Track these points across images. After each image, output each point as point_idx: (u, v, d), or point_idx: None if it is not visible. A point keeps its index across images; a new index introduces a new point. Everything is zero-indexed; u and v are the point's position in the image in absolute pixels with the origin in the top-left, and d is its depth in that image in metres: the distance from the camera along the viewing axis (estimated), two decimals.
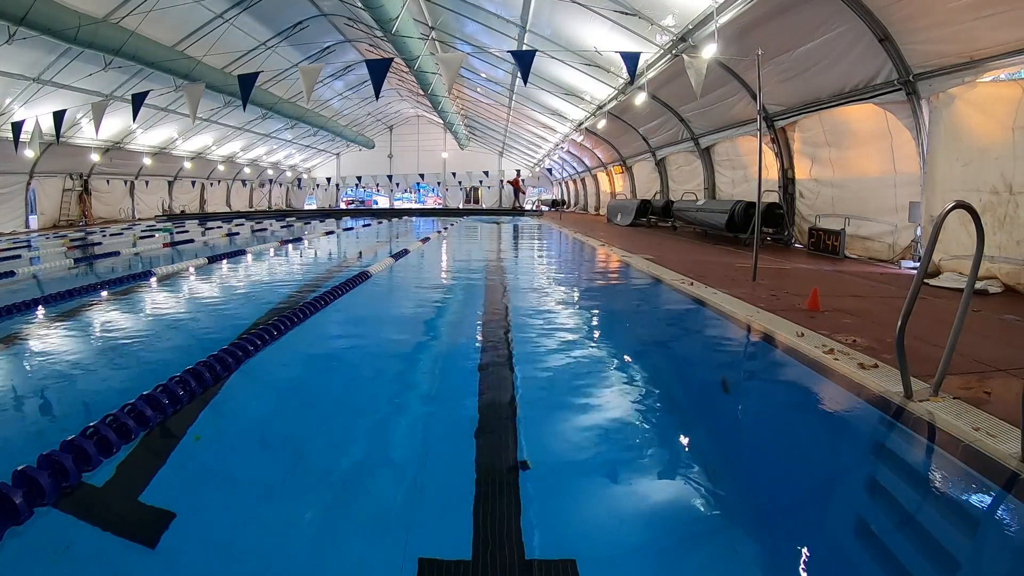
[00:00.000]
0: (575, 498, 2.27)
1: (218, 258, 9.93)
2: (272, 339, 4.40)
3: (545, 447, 2.69)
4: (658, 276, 7.60)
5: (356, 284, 6.94)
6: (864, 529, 2.11)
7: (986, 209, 6.59)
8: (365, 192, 41.93)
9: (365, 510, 2.21)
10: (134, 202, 23.87)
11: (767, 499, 2.29)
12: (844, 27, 7.84)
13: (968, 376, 3.32)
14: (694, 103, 12.81)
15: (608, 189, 26.77)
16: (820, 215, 10.69)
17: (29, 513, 2.05)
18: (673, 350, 4.75)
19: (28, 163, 17.48)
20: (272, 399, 3.58)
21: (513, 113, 24.38)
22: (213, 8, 14.33)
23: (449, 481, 2.39)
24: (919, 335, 4.10)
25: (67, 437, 2.46)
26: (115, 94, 15.62)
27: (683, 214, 15.32)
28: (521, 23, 13.11)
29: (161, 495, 2.25)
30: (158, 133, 21.22)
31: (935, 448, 2.60)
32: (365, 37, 19.27)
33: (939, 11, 6.53)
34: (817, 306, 5.24)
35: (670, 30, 9.77)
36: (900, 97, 7.81)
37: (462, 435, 2.80)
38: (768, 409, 3.46)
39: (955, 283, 6.59)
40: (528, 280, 8.26)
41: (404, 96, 31.39)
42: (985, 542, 2.04)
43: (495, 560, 1.83)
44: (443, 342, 4.87)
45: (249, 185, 33.16)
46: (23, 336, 4.85)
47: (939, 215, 2.76)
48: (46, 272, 8.65)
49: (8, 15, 9.84)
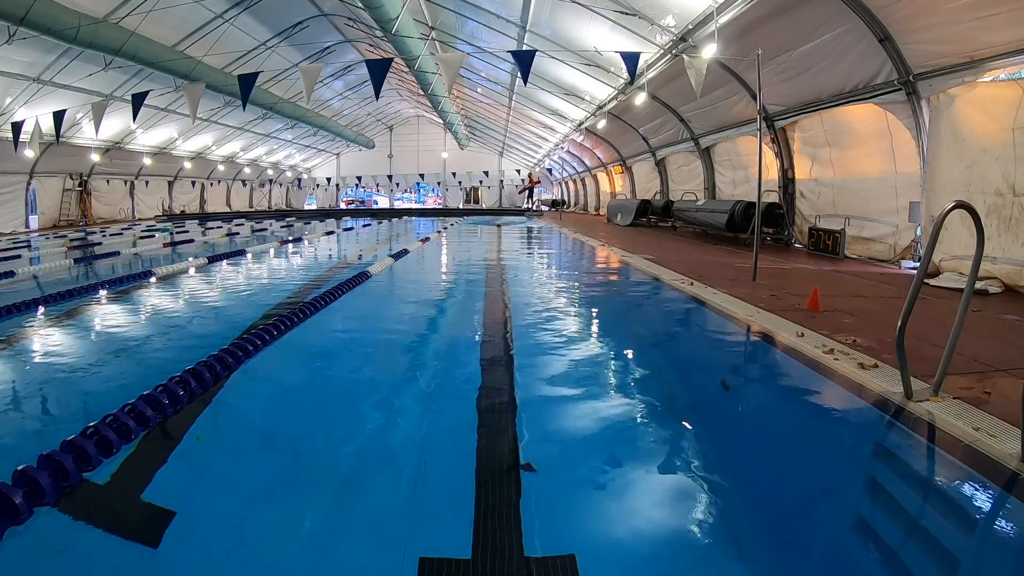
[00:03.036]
0: (575, 495, 2.27)
1: (218, 258, 9.92)
2: (272, 339, 4.40)
3: (545, 445, 2.69)
4: (658, 276, 7.60)
5: (356, 284, 6.94)
6: (864, 529, 2.11)
7: (992, 211, 6.57)
8: (365, 192, 41.93)
9: (365, 509, 2.21)
10: (134, 202, 23.86)
11: (767, 498, 2.29)
12: (844, 27, 7.84)
13: (968, 376, 3.32)
14: (694, 103, 12.81)
15: (608, 189, 26.78)
16: (820, 215, 10.68)
17: (29, 513, 2.05)
18: (673, 350, 4.75)
19: (28, 163, 17.48)
20: (272, 399, 3.58)
21: (513, 113, 24.38)
22: (213, 8, 14.33)
23: (449, 480, 2.40)
24: (919, 335, 4.10)
25: (67, 437, 2.46)
26: (115, 94, 15.62)
27: (683, 214, 15.31)
28: (521, 23, 13.12)
29: (162, 494, 2.25)
30: (158, 133, 21.22)
31: (935, 448, 2.60)
32: (365, 37, 19.27)
33: (939, 11, 6.52)
34: (817, 306, 5.24)
35: (670, 30, 9.77)
36: (900, 97, 7.80)
37: (462, 434, 2.80)
38: (768, 409, 3.46)
39: (955, 283, 6.59)
40: (528, 280, 8.25)
41: (404, 96, 31.39)
42: (985, 542, 2.04)
43: (495, 558, 1.83)
44: (443, 342, 4.87)
45: (249, 185, 33.15)
46: (23, 336, 4.85)
47: (939, 215, 2.76)
48: (46, 272, 8.65)
49: (8, 15, 9.84)
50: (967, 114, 6.95)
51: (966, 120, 6.97)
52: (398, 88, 29.04)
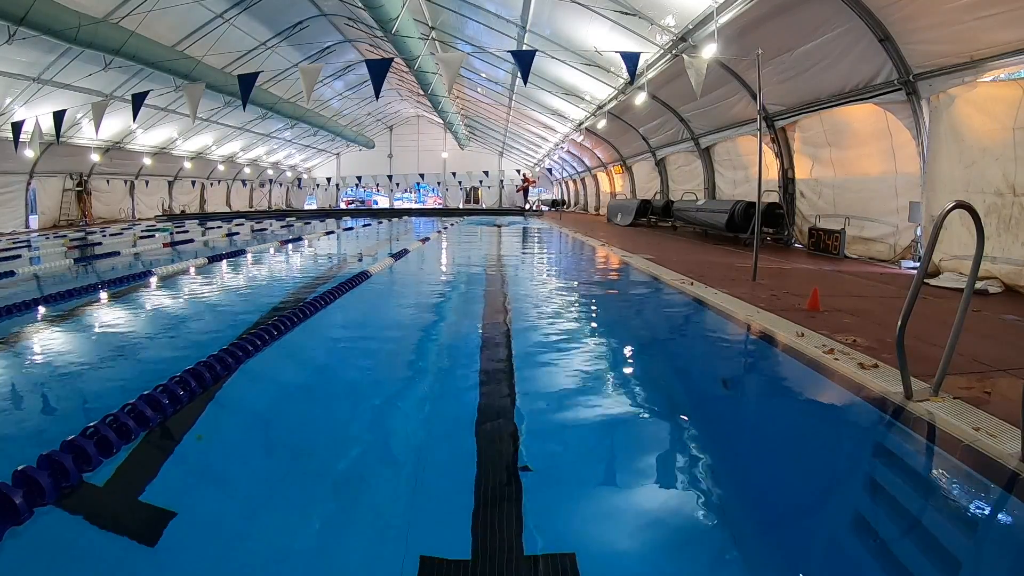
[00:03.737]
0: (575, 493, 2.27)
1: (218, 258, 9.92)
2: (272, 339, 4.40)
3: (545, 444, 2.69)
4: (658, 276, 7.60)
5: (356, 284, 6.94)
6: (864, 529, 2.11)
7: (991, 211, 6.57)
8: (365, 192, 41.92)
9: (366, 508, 2.21)
10: (134, 202, 23.86)
11: (767, 498, 2.29)
12: (844, 27, 7.84)
13: (968, 376, 3.32)
14: (694, 103, 12.81)
15: (608, 189, 26.78)
16: (820, 215, 10.68)
17: (29, 513, 2.04)
18: (673, 349, 4.75)
19: (28, 163, 17.49)
20: (272, 399, 3.58)
21: (513, 113, 24.37)
22: (213, 8, 14.33)
23: (450, 479, 2.40)
24: (919, 335, 4.10)
25: (67, 437, 2.46)
26: (115, 94, 15.61)
27: (683, 214, 15.31)
28: (521, 23, 13.11)
29: (161, 494, 2.25)
30: (158, 133, 21.22)
31: (935, 448, 2.60)
32: (365, 37, 19.26)
33: (939, 11, 6.52)
34: (817, 306, 5.24)
35: (670, 30, 9.76)
36: (900, 97, 7.80)
37: (462, 433, 2.80)
38: (768, 409, 3.46)
39: (955, 283, 6.59)
40: (528, 280, 8.25)
41: (404, 96, 31.39)
42: (985, 542, 2.04)
43: (495, 557, 1.83)
44: (443, 341, 4.87)
45: (249, 185, 33.15)
46: (23, 336, 4.85)
47: (939, 215, 2.76)
48: (46, 272, 8.65)
49: (8, 15, 9.84)
50: (967, 114, 6.95)
51: (966, 120, 6.97)
52: (398, 88, 29.04)
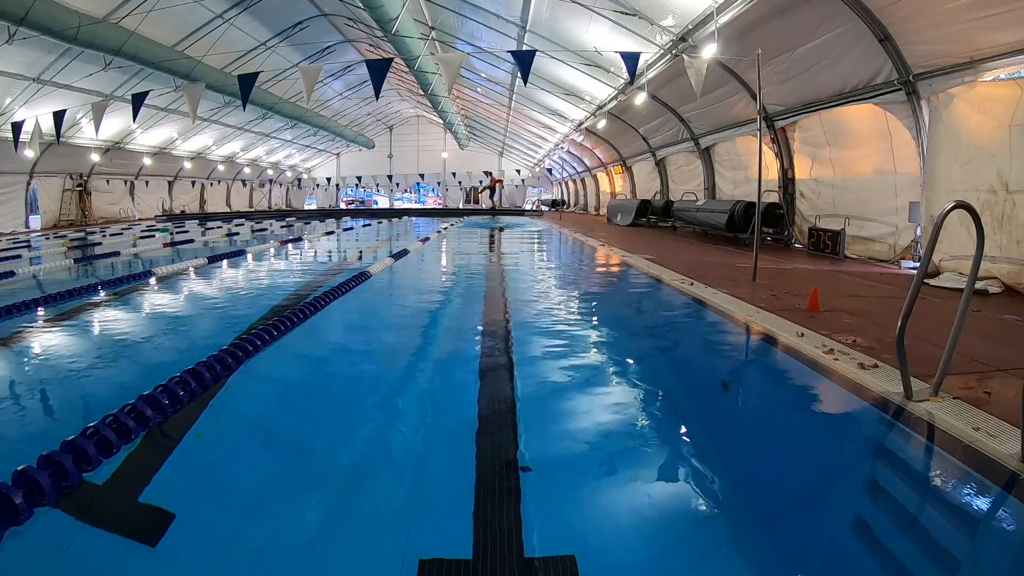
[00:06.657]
0: (575, 495, 2.27)
1: (218, 258, 9.92)
2: (272, 339, 4.40)
3: (545, 445, 2.69)
4: (658, 276, 7.59)
5: (356, 284, 6.94)
6: (864, 529, 2.11)
7: (984, 208, 6.57)
8: (365, 192, 41.92)
9: (365, 510, 2.21)
10: (134, 202, 23.86)
11: (767, 498, 2.29)
12: (844, 27, 7.84)
13: (968, 376, 3.32)
14: (694, 103, 12.81)
15: (608, 189, 26.76)
16: (820, 215, 10.68)
17: (29, 513, 2.04)
18: (673, 350, 4.75)
19: (28, 163, 17.48)
20: (272, 399, 3.58)
21: (513, 113, 24.37)
22: (213, 8, 14.33)
23: (449, 480, 2.39)
24: (919, 335, 4.10)
25: (67, 437, 2.46)
26: (115, 94, 15.61)
27: (683, 214, 15.31)
28: (521, 23, 13.12)
29: (161, 495, 2.25)
30: (158, 133, 21.21)
31: (935, 448, 2.60)
32: (365, 37, 19.27)
33: (939, 11, 6.52)
34: (817, 306, 5.24)
35: (670, 30, 9.77)
36: (900, 97, 7.81)
37: (462, 434, 2.80)
38: (768, 409, 3.46)
39: (955, 283, 6.59)
40: (528, 280, 8.25)
41: (404, 96, 31.38)
42: (985, 542, 2.04)
43: (495, 559, 1.83)
44: (443, 342, 4.87)
45: (249, 185, 33.14)
46: (23, 336, 4.85)
47: (939, 215, 2.76)
48: (46, 272, 8.64)
49: (8, 15, 9.84)
50: (964, 113, 6.95)
51: (963, 119, 6.97)
52: (398, 88, 29.03)
